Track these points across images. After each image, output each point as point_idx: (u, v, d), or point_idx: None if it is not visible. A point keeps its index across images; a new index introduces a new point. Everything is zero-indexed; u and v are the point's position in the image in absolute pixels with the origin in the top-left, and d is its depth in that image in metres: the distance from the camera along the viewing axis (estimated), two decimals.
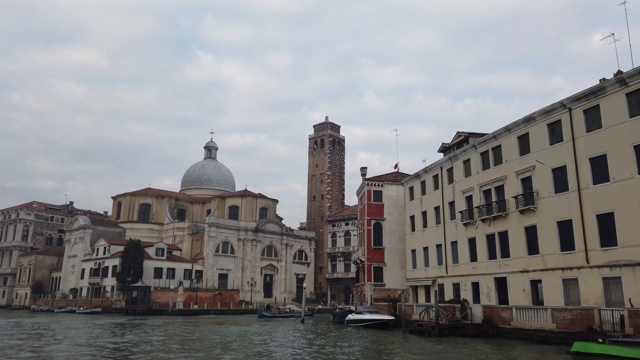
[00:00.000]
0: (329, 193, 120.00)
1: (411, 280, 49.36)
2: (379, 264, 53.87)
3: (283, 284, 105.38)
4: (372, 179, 56.31)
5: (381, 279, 53.38)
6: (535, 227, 32.92)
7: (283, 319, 61.15)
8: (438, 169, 45.67)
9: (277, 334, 37.53)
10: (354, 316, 44.37)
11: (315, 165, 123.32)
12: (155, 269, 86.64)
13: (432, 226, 46.13)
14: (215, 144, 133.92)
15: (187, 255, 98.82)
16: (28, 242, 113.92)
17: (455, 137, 45.15)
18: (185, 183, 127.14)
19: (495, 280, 36.39)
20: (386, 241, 54.46)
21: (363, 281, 55.29)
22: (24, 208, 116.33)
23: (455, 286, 41.54)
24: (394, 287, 52.52)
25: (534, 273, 32.50)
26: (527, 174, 33.97)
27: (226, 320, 58.39)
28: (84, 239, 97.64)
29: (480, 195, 38.80)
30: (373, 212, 55.05)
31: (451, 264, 42.45)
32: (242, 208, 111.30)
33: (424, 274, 47.03)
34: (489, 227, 37.34)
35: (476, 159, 39.78)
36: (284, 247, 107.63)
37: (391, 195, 55.54)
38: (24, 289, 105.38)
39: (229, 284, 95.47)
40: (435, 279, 44.63)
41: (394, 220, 54.91)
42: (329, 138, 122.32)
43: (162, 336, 34.81)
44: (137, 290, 70.74)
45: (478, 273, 38.25)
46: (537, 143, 33.30)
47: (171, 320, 56.71)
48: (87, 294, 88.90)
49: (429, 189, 47.50)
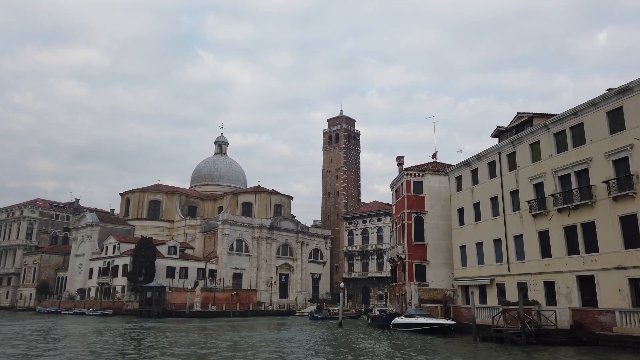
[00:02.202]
0: (344, 189, 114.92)
1: (461, 279, 44.53)
2: (421, 262, 49.02)
3: (299, 284, 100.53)
4: (411, 168, 51.48)
5: (424, 278, 48.52)
6: (635, 216, 28.04)
7: (335, 320, 56.28)
8: (495, 155, 40.81)
9: (326, 341, 32.76)
10: (404, 320, 39.41)
11: (330, 161, 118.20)
12: (167, 268, 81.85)
13: (488, 219, 41.28)
14: (225, 139, 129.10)
15: (200, 253, 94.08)
16: (32, 240, 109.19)
17: (515, 119, 40.30)
18: (195, 179, 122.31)
19: (577, 279, 31.53)
20: (428, 237, 49.64)
21: (403, 280, 50.46)
22: (28, 205, 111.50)
23: (520, 286, 36.67)
24: (438, 287, 47.75)
25: (635, 270, 27.66)
26: (622, 155, 29.10)
27: (254, 323, 53.58)
28: (92, 237, 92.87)
29: (554, 182, 33.94)
30: (413, 204, 50.22)
31: (514, 261, 37.61)
32: (256, 205, 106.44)
33: (477, 273, 42.19)
34: (568, 218, 32.49)
35: (548, 141, 34.91)
36: (300, 245, 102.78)
37: (433, 187, 50.73)
38: (28, 290, 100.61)
39: (243, 283, 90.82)
40: (493, 278, 39.79)
41: (436, 213, 50.11)
42: (344, 132, 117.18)
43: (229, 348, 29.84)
44: (152, 290, 65.85)
45: (553, 271, 33.41)
46: (636, 117, 28.47)
47: (193, 323, 51.86)
48: (96, 295, 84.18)
49: (482, 178, 42.65)
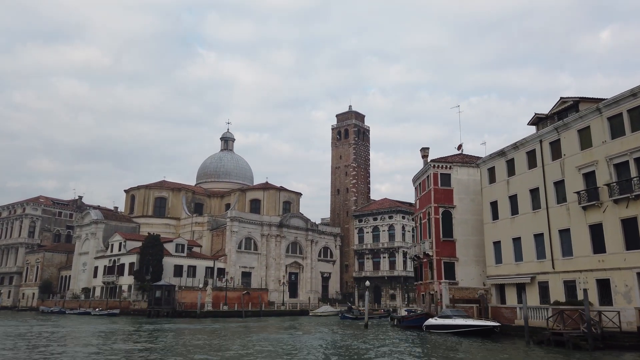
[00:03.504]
0: (354, 186, 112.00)
1: (494, 277, 41.64)
2: (450, 259, 46.17)
3: (309, 283, 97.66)
4: (438, 160, 48.62)
5: (453, 276, 45.64)
6: None
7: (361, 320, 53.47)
8: (535, 144, 37.91)
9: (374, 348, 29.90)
10: (439, 321, 36.55)
11: (339, 157, 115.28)
12: (175, 267, 79.20)
13: (527, 212, 38.39)
14: (232, 135, 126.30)
15: (207, 252, 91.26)
16: (35, 238, 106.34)
17: (558, 104, 37.43)
18: (201, 176, 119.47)
19: (638, 276, 28.72)
20: (457, 232, 46.79)
21: (430, 279, 47.58)
22: (30, 203, 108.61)
23: (567, 284, 33.84)
24: (468, 286, 44.90)
25: None
26: None
27: (271, 324, 50.76)
28: (96, 235, 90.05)
29: (609, 171, 31.07)
30: (441, 198, 47.37)
31: (560, 257, 34.73)
32: (265, 202, 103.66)
33: (514, 270, 39.32)
34: (626, 210, 29.63)
35: (601, 126, 32.04)
36: (309, 243, 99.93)
37: (461, 179, 47.88)
38: (31, 289, 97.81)
39: (252, 282, 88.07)
40: (534, 276, 36.93)
41: (465, 207, 47.24)
42: (353, 128, 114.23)
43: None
44: (161, 289, 62.97)
45: (608, 267, 30.56)
46: None
47: (207, 324, 49.01)
48: (101, 294, 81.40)
49: (520, 168, 39.77)
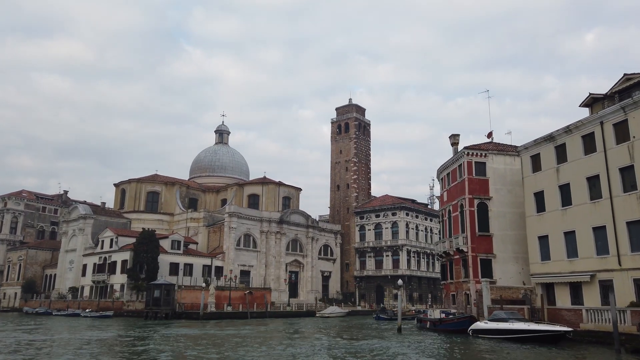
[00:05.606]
0: (355, 182, 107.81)
1: (541, 275, 37.62)
2: (487, 256, 42.07)
3: (309, 282, 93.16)
4: (472, 147, 44.48)
5: (490, 274, 41.53)
6: None
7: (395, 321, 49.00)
8: (594, 126, 33.91)
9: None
10: (491, 325, 32.35)
11: (339, 152, 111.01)
12: (171, 265, 74.16)
13: (584, 203, 34.41)
14: (227, 127, 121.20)
15: (203, 249, 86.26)
16: (17, 235, 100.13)
17: (622, 81, 33.52)
18: (194, 170, 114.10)
19: None
20: (494, 226, 42.72)
21: (464, 277, 43.37)
22: (12, 197, 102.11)
23: (636, 283, 30.01)
24: (507, 285, 40.83)
25: None
26: None
27: (285, 326, 46.07)
28: (85, 231, 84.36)
29: None
30: (475, 189, 43.26)
31: (628, 253, 30.80)
32: (264, 197, 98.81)
33: (567, 268, 35.33)
34: None
35: None
36: (310, 241, 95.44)
37: (497, 168, 43.85)
38: (13, 288, 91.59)
39: (251, 281, 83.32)
40: (594, 274, 32.98)
41: (502, 199, 43.22)
42: (354, 122, 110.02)
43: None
44: (160, 288, 57.78)
45: None
46: None
47: (219, 328, 44.12)
48: (91, 294, 75.83)
49: (573, 154, 35.76)
